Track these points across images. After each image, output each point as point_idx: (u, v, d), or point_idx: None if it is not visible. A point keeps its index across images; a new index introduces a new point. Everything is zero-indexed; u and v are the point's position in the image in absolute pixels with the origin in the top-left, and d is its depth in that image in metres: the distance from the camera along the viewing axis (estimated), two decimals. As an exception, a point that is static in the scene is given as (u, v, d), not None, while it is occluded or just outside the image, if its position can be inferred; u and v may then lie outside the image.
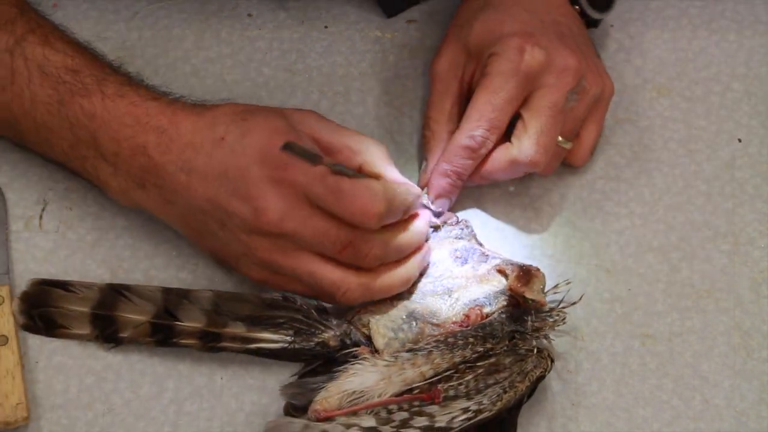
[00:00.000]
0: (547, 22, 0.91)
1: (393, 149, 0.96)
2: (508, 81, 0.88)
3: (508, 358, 0.84)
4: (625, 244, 0.93)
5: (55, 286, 0.88)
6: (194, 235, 0.87)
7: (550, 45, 0.89)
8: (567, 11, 0.94)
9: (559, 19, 0.93)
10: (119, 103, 0.84)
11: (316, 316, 0.86)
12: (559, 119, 0.89)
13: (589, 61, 0.92)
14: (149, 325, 0.86)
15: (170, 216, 0.86)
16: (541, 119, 0.89)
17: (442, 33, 0.99)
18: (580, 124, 0.92)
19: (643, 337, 0.90)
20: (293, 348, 0.85)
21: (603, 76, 0.93)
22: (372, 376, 0.83)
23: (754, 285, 0.92)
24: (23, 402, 0.85)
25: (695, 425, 0.88)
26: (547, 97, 0.89)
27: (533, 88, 0.89)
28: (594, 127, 0.93)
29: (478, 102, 0.89)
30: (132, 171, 0.85)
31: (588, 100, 0.91)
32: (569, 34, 0.92)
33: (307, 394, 0.84)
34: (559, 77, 0.89)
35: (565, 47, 0.90)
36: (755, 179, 0.95)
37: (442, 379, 0.83)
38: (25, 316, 0.88)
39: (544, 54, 0.89)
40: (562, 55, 0.89)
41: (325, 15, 1.01)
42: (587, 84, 0.90)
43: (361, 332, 0.86)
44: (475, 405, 0.82)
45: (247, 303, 0.87)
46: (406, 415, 0.82)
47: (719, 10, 1.00)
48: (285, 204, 0.81)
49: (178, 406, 0.87)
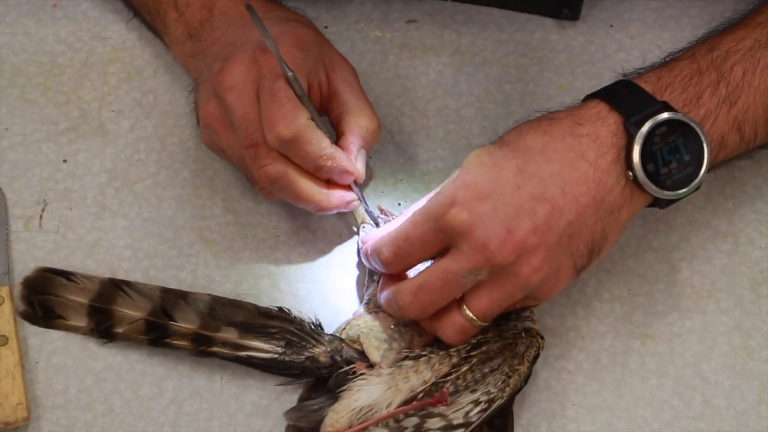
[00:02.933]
0: (536, 194, 0.79)
1: (393, 149, 0.96)
2: (427, 221, 0.80)
3: (496, 343, 0.84)
4: (625, 244, 0.93)
5: (57, 274, 0.89)
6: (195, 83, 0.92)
7: (491, 216, 0.78)
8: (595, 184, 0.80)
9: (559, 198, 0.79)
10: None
11: (309, 330, 0.86)
12: (447, 288, 0.80)
13: (540, 253, 0.78)
14: (144, 322, 0.86)
15: (191, 66, 0.93)
16: (424, 274, 0.81)
17: (442, 33, 1.00)
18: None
19: (643, 337, 0.90)
20: (283, 360, 0.85)
21: (552, 288, 0.81)
22: (378, 388, 0.83)
23: (754, 285, 0.92)
24: (23, 402, 0.85)
25: (695, 425, 0.88)
26: (447, 261, 0.80)
27: (451, 244, 0.80)
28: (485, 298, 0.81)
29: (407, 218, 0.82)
30: (192, 22, 0.91)
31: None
32: (550, 213, 0.79)
33: (310, 416, 0.84)
34: (472, 250, 0.78)
35: (508, 226, 0.77)
36: (755, 179, 0.95)
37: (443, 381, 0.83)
38: (26, 303, 0.88)
39: (467, 218, 0.78)
40: (487, 232, 0.77)
41: (325, 15, 1.01)
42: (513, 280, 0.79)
43: (353, 348, 0.86)
44: (485, 395, 0.82)
45: (242, 310, 0.87)
46: (417, 420, 0.82)
47: (719, 10, 1.00)
48: (241, 77, 0.84)
49: (178, 406, 0.88)
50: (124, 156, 0.96)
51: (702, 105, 0.83)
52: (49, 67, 0.98)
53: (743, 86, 0.83)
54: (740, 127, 0.84)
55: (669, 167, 0.81)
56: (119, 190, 0.94)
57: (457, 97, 0.98)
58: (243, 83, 0.84)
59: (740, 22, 0.88)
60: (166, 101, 0.97)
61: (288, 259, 0.92)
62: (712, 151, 0.83)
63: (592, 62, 0.99)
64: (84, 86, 0.98)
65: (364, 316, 0.86)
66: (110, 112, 0.97)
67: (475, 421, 0.81)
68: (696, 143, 0.81)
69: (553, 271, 0.80)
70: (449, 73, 0.99)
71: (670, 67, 0.85)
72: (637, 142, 0.80)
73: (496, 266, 0.78)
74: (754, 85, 0.84)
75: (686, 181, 0.81)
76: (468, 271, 0.78)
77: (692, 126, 0.81)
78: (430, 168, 0.95)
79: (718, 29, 0.88)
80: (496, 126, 0.96)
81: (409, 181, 0.95)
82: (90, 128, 0.96)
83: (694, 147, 0.81)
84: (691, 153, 0.81)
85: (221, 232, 0.93)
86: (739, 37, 0.85)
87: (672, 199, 0.82)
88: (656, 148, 0.80)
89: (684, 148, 0.81)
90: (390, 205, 0.93)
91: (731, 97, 0.83)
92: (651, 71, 0.85)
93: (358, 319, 0.86)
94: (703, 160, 0.81)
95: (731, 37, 0.86)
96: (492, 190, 0.78)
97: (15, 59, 0.99)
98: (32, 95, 0.97)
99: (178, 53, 0.95)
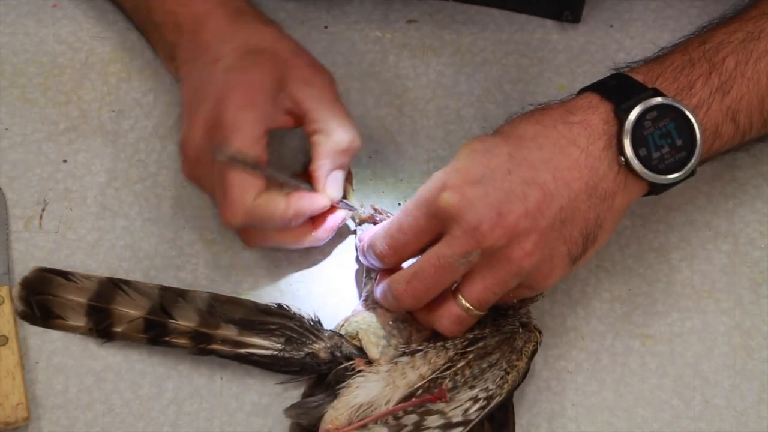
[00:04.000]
0: (527, 178, 0.79)
1: (393, 149, 0.96)
2: (419, 207, 0.80)
3: (494, 338, 0.84)
4: (625, 244, 0.93)
5: (56, 274, 0.89)
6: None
7: (482, 200, 0.78)
8: (586, 170, 0.80)
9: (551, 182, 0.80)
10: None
11: (309, 326, 0.86)
12: (441, 274, 0.80)
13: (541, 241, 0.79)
14: (143, 320, 0.86)
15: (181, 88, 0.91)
16: (418, 262, 0.81)
17: (442, 33, 1.00)
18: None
19: (643, 337, 0.90)
20: (283, 356, 0.85)
21: (548, 277, 0.81)
22: (377, 385, 0.83)
23: (754, 285, 0.92)
24: (23, 402, 0.85)
25: (695, 425, 0.88)
26: (439, 246, 0.80)
27: (443, 230, 0.80)
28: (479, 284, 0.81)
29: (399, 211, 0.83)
30: (168, 43, 0.92)
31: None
32: (549, 197, 0.79)
33: (311, 412, 0.84)
34: (463, 234, 0.78)
35: (499, 209, 0.78)
36: (755, 179, 0.95)
37: (440, 375, 0.83)
38: (24, 303, 0.88)
39: (458, 201, 0.78)
40: (478, 215, 0.78)
41: (325, 15, 1.01)
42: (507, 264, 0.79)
43: (352, 344, 0.86)
44: (483, 392, 0.82)
45: (241, 307, 0.87)
46: (416, 417, 0.82)
47: (719, 10, 1.00)
48: (199, 148, 0.85)
49: (178, 406, 0.88)
50: (124, 156, 0.96)
51: (694, 94, 0.83)
52: (50, 67, 0.98)
53: (736, 76, 0.84)
54: (735, 116, 0.84)
55: (661, 151, 0.81)
56: (119, 190, 0.94)
57: (457, 97, 0.98)
58: (201, 153, 0.85)
59: (733, 16, 0.88)
60: (166, 101, 0.97)
61: (288, 259, 0.92)
62: (707, 140, 0.83)
63: (592, 62, 0.99)
64: (84, 86, 0.98)
65: (363, 312, 0.87)
66: (110, 112, 0.97)
67: (474, 419, 0.81)
68: (687, 127, 0.81)
69: (546, 257, 0.80)
70: (449, 73, 0.99)
71: (661, 60, 0.85)
72: (628, 127, 0.80)
73: (487, 249, 0.78)
74: (747, 75, 0.84)
75: (679, 165, 0.81)
76: (460, 254, 0.79)
77: (682, 110, 0.81)
78: (430, 168, 0.95)
79: (712, 24, 0.89)
80: (496, 126, 0.95)
81: (409, 181, 0.95)
82: (90, 128, 0.96)
83: (685, 131, 0.81)
84: (683, 137, 0.81)
85: (221, 232, 0.93)
86: (732, 29, 0.86)
87: (667, 184, 0.82)
88: (647, 132, 0.80)
89: (676, 132, 0.81)
90: (390, 205, 0.93)
91: (724, 87, 0.83)
92: (642, 64, 0.86)
93: (357, 315, 0.87)
94: (696, 144, 0.81)
95: (723, 30, 0.86)
96: (483, 175, 0.79)
97: (15, 59, 0.99)
98: (32, 95, 0.97)
99: (172, 72, 0.95)
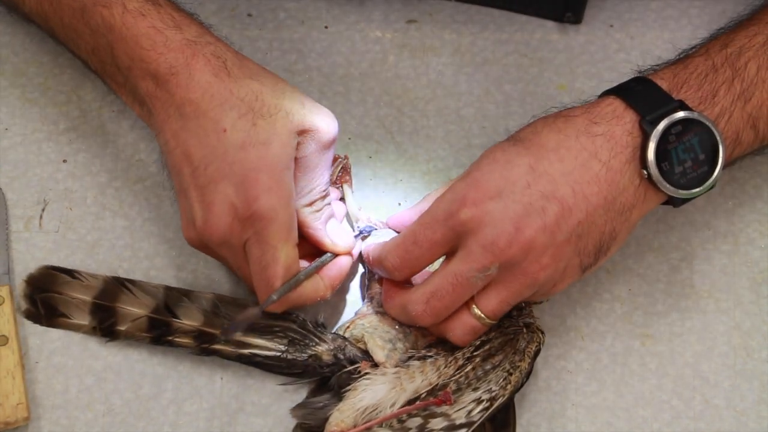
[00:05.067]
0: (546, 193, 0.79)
1: (393, 149, 0.96)
2: (437, 221, 0.80)
3: (498, 340, 0.84)
4: (625, 244, 0.93)
5: (62, 272, 0.89)
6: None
7: (501, 214, 0.78)
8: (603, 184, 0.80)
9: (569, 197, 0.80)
10: (139, 22, 0.84)
11: (312, 329, 0.86)
12: (459, 291, 0.80)
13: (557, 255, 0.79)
14: (147, 319, 0.86)
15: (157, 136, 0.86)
16: (434, 280, 0.81)
17: (442, 33, 0.99)
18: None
19: (643, 337, 0.90)
20: (286, 358, 0.85)
21: (559, 282, 0.81)
22: (383, 388, 0.83)
23: (754, 285, 0.92)
24: (23, 402, 0.85)
25: (695, 425, 0.88)
26: (456, 263, 0.80)
27: (458, 243, 0.80)
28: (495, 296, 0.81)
29: (414, 221, 0.83)
30: (138, 90, 0.85)
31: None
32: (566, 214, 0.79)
33: (316, 413, 0.84)
34: (481, 249, 0.78)
35: (517, 224, 0.78)
36: (755, 179, 0.95)
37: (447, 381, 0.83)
38: (28, 301, 0.88)
39: (478, 215, 0.78)
40: (497, 230, 0.78)
41: (325, 15, 1.01)
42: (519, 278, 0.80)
43: (356, 347, 0.86)
44: (486, 393, 0.82)
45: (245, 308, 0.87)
46: (420, 420, 0.82)
47: (719, 10, 1.00)
48: (227, 234, 0.81)
49: (178, 406, 0.88)
50: (124, 156, 0.96)
51: (717, 102, 0.83)
52: (50, 67, 0.98)
53: (757, 82, 0.84)
54: (755, 123, 0.84)
55: (684, 166, 0.81)
56: (119, 190, 0.94)
57: (457, 97, 0.98)
58: (230, 239, 0.82)
59: (752, 18, 0.88)
60: (166, 101, 0.97)
61: (288, 259, 0.92)
62: (727, 148, 0.83)
63: (592, 62, 0.99)
64: (84, 86, 0.98)
65: (369, 315, 0.86)
66: (110, 112, 0.97)
67: (477, 421, 0.81)
68: (711, 142, 0.81)
69: (560, 269, 0.80)
70: (449, 73, 0.99)
71: (685, 64, 0.85)
72: (652, 141, 0.80)
73: (504, 263, 0.78)
74: (767, 81, 0.84)
75: (701, 179, 0.81)
76: (478, 270, 0.79)
77: (707, 125, 0.81)
78: (430, 168, 0.95)
79: (730, 26, 0.88)
80: (497, 126, 0.96)
81: (409, 181, 0.95)
82: (90, 128, 0.96)
83: (708, 146, 0.81)
84: (706, 152, 0.81)
85: (221, 232, 0.93)
86: (752, 33, 0.86)
87: (686, 198, 0.82)
88: (671, 146, 0.80)
89: (699, 146, 0.81)
90: (390, 205, 0.93)
91: (746, 94, 0.83)
92: (666, 68, 0.85)
93: (363, 318, 0.86)
94: (718, 159, 0.81)
95: (744, 34, 0.86)
96: (503, 188, 0.79)
97: (15, 59, 0.99)
98: (32, 95, 0.97)
99: (140, 116, 0.89)
